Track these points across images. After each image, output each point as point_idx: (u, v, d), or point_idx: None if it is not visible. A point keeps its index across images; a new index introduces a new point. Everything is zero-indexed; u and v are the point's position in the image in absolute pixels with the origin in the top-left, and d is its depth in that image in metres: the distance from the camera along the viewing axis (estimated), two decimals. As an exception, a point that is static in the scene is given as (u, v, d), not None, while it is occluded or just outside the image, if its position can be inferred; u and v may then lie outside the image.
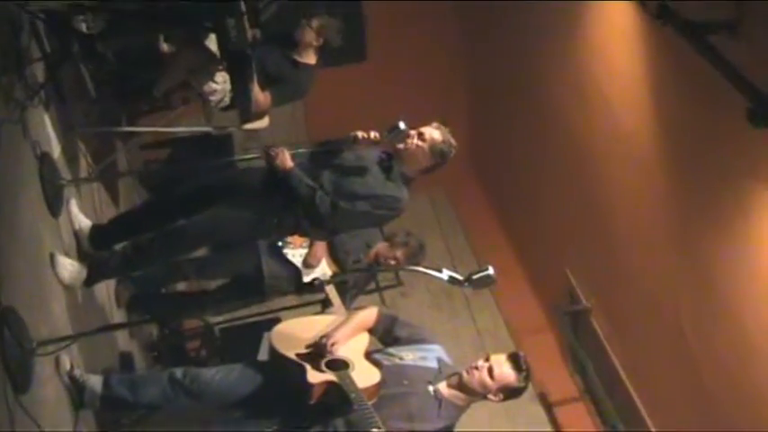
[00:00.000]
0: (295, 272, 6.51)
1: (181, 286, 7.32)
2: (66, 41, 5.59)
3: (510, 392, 4.78)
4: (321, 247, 6.51)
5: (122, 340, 6.19)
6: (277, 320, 6.15)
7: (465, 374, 4.78)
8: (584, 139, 7.59)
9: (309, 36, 6.72)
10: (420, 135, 5.36)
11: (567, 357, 8.43)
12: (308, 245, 6.54)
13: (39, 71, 5.24)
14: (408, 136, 5.36)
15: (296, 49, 6.78)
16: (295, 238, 6.49)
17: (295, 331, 5.01)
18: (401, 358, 4.89)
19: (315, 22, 6.72)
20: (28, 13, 4.99)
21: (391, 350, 4.97)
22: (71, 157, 5.78)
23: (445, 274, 4.44)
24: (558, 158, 8.25)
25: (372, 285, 7.63)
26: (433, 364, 4.91)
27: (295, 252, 6.65)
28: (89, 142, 6.27)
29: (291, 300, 6.78)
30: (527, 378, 4.78)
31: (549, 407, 8.25)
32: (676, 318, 6.23)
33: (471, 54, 10.23)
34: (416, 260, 6.58)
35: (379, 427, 4.17)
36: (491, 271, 4.41)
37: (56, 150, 5.42)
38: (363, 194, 5.32)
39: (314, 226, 5.49)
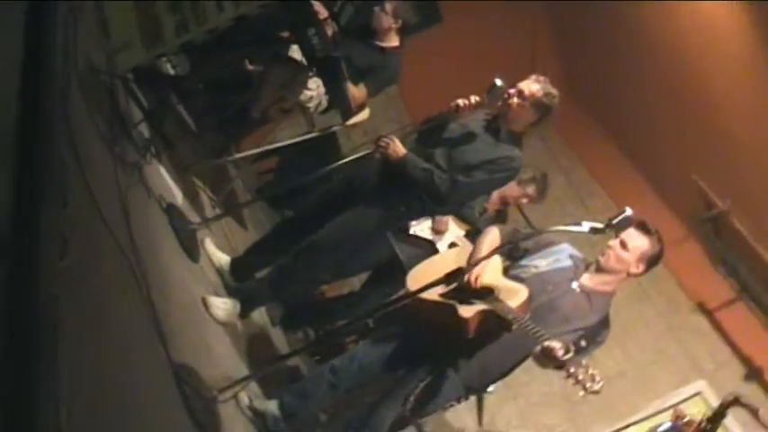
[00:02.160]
0: (430, 245, 6.53)
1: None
2: (158, 89, 5.71)
3: (649, 260, 4.78)
4: (444, 210, 6.51)
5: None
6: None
7: (601, 258, 4.80)
8: (677, 44, 7.45)
9: (387, 21, 6.72)
10: (520, 93, 5.32)
11: (715, 262, 8.31)
12: (429, 214, 6.53)
13: (143, 128, 5.36)
14: (508, 94, 5.33)
15: (377, 36, 6.79)
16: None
17: (427, 274, 4.86)
18: (536, 267, 4.89)
19: (388, 6, 6.71)
20: (119, 78, 5.09)
21: (524, 262, 4.96)
22: (193, 197, 5.92)
23: (585, 226, 4.40)
24: (658, 73, 8.10)
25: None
26: (568, 263, 4.91)
27: (421, 226, 6.68)
28: (205, 177, 6.40)
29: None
30: (660, 240, 4.75)
31: (709, 314, 8.17)
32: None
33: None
34: (546, 193, 6.61)
35: (548, 338, 4.20)
36: (629, 212, 4.37)
37: (178, 197, 5.55)
38: (478, 163, 5.31)
39: (439, 205, 5.52)
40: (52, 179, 3.32)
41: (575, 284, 4.82)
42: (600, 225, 4.39)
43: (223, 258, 5.67)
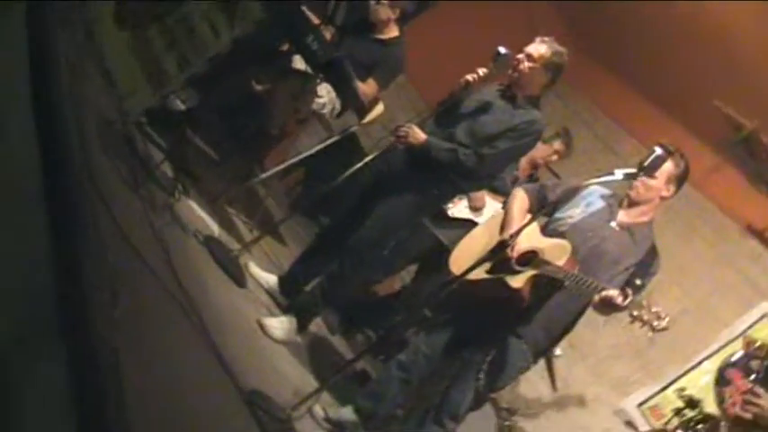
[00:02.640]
0: (471, 225, 6.51)
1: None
2: (173, 127, 5.74)
3: (678, 180, 4.77)
4: (477, 186, 6.49)
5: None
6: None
7: (631, 192, 4.77)
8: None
9: (384, 12, 6.67)
10: (529, 57, 5.32)
11: (755, 183, 8.22)
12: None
13: (166, 167, 5.39)
14: (517, 60, 5.33)
15: (376, 29, 6.75)
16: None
17: (467, 253, 4.91)
18: (571, 217, 4.85)
19: None
20: (133, 124, 5.13)
21: (558, 215, 4.91)
22: (228, 225, 5.95)
23: (618, 173, 4.40)
24: (662, 7, 8.03)
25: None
26: (601, 204, 4.88)
27: (459, 207, 6.68)
28: (236, 203, 6.42)
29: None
30: (682, 156, 4.74)
31: (759, 234, 8.08)
32: None
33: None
34: (572, 146, 6.60)
35: (603, 287, 4.21)
36: (659, 151, 4.36)
37: (214, 228, 5.58)
38: (499, 132, 5.31)
39: (469, 181, 5.52)
40: (89, 237, 3.35)
41: (613, 224, 4.79)
42: (632, 170, 4.39)
43: (270, 278, 5.70)
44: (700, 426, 6.54)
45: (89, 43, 5.48)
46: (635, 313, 4.08)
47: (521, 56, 5.34)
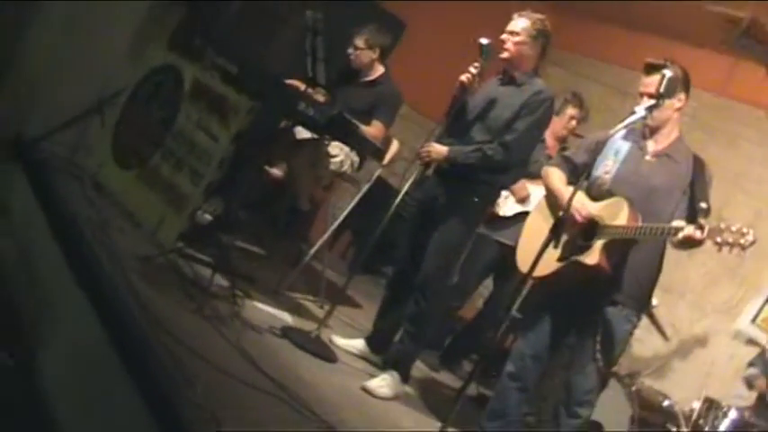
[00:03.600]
0: (524, 216, 6.46)
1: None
2: (209, 239, 5.75)
3: (682, 85, 4.70)
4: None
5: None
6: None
7: (649, 122, 4.69)
8: None
9: (366, 56, 6.70)
10: (512, 33, 5.33)
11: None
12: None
13: (218, 279, 5.39)
14: (502, 41, 5.32)
15: (363, 73, 6.78)
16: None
17: (530, 248, 4.70)
18: (607, 171, 4.78)
19: (360, 41, 6.71)
20: (172, 253, 5.14)
21: (595, 175, 4.83)
22: (298, 309, 5.95)
23: (640, 110, 4.38)
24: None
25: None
26: (627, 146, 4.81)
27: (507, 204, 6.64)
28: (298, 286, 6.43)
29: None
30: (673, 61, 4.68)
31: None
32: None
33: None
34: (586, 106, 6.59)
35: (675, 228, 4.22)
36: (669, 73, 4.33)
37: (286, 317, 5.57)
38: (513, 115, 5.30)
39: (504, 175, 5.49)
40: (177, 382, 3.36)
41: (648, 158, 4.74)
42: (652, 102, 4.34)
43: (357, 343, 5.70)
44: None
45: (100, 195, 5.53)
46: (718, 240, 4.04)
47: (504, 36, 5.34)
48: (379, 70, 6.82)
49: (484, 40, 5.31)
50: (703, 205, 4.42)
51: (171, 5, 6.26)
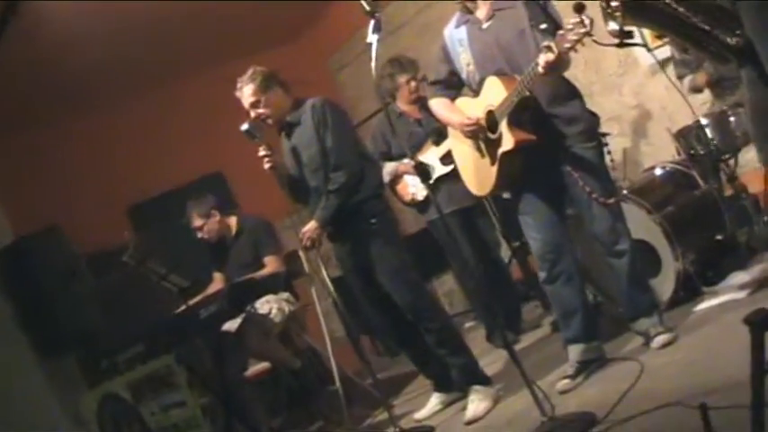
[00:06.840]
0: (441, 182, 6.53)
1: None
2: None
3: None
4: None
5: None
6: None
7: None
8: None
9: (212, 224, 6.90)
10: (251, 105, 5.44)
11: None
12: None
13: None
14: (257, 116, 5.43)
15: (223, 235, 6.98)
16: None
17: (470, 173, 5.03)
18: (468, 63, 4.87)
19: (197, 221, 6.90)
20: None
21: (462, 73, 4.92)
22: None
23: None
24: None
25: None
26: (463, 27, 4.88)
27: (416, 190, 6.63)
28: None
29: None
30: None
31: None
32: None
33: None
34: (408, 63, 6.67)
35: (539, 63, 4.28)
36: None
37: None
38: (316, 143, 5.39)
39: (363, 181, 5.48)
40: None
41: (484, 26, 4.79)
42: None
43: (433, 400, 5.76)
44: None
45: None
46: (567, 45, 4.13)
47: (251, 112, 5.45)
48: (232, 221, 6.95)
49: (243, 127, 5.33)
50: (543, 26, 4.44)
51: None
